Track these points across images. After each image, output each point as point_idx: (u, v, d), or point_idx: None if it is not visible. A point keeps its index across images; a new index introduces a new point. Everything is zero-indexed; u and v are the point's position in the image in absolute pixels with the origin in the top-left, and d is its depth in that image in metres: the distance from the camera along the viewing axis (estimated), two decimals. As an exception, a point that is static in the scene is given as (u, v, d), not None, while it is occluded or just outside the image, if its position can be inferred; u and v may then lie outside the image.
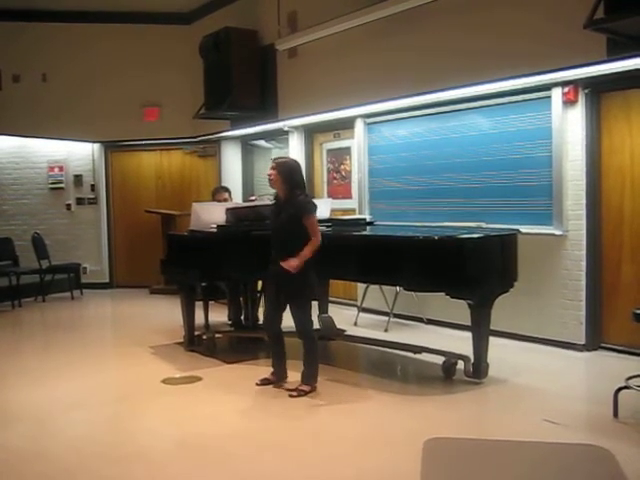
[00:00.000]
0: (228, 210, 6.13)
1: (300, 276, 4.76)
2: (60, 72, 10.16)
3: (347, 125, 8.25)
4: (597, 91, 5.78)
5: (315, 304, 6.30)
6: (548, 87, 5.93)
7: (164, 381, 5.31)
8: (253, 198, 7.92)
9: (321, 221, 6.03)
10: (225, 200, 7.31)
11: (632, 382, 4.23)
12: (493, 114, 6.54)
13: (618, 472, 2.09)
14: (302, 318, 4.89)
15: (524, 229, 5.61)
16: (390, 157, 7.73)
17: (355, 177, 8.29)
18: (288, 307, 4.96)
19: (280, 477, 3.55)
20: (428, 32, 6.55)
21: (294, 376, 5.02)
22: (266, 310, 5.21)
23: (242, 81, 8.58)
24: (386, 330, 6.94)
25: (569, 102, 5.84)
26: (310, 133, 9.03)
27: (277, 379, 5.10)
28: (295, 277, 4.77)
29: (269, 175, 4.93)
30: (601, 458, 2.22)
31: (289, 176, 4.89)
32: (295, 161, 5.17)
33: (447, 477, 2.12)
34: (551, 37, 5.50)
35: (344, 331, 6.77)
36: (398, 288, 6.79)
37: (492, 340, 5.16)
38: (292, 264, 4.71)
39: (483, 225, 6.30)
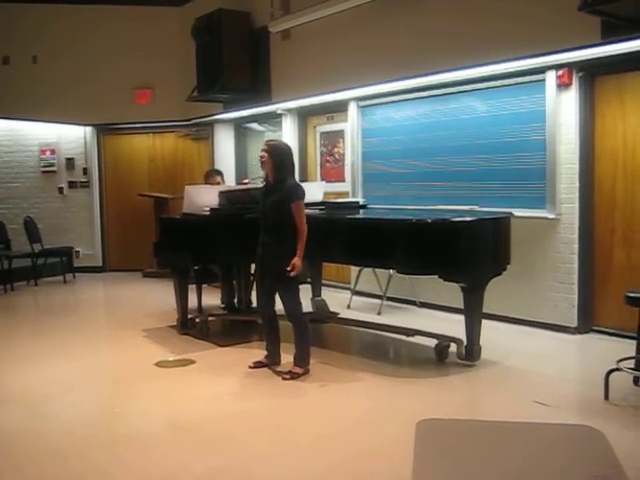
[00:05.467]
0: (221, 193, 6.11)
1: (284, 259, 4.72)
2: (51, 54, 10.07)
3: (341, 108, 8.22)
4: (591, 74, 5.76)
5: (308, 287, 6.34)
6: (542, 70, 5.91)
7: (157, 364, 5.31)
8: (246, 181, 7.89)
9: (314, 204, 6.05)
10: (218, 183, 7.28)
11: (623, 364, 4.26)
12: (487, 97, 6.52)
13: (609, 451, 2.10)
14: (290, 301, 4.87)
15: (517, 212, 5.62)
16: (383, 140, 7.70)
17: (348, 160, 8.27)
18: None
19: (273, 458, 3.56)
20: (422, 14, 6.51)
21: (287, 359, 5.03)
22: (258, 293, 5.21)
23: (234, 63, 8.53)
24: (379, 313, 6.96)
25: (563, 85, 5.82)
26: (303, 116, 8.99)
27: (270, 362, 5.11)
28: (279, 260, 4.75)
29: (261, 157, 4.91)
30: (592, 438, 2.24)
31: (280, 159, 4.86)
32: (287, 144, 5.15)
33: (440, 457, 2.13)
34: (545, 19, 5.47)
35: (337, 314, 6.79)
36: (391, 271, 6.80)
37: (484, 323, 5.18)
38: (296, 264, 4.66)
39: (476, 208, 6.30)
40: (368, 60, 7.13)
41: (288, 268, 4.66)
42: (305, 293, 5.10)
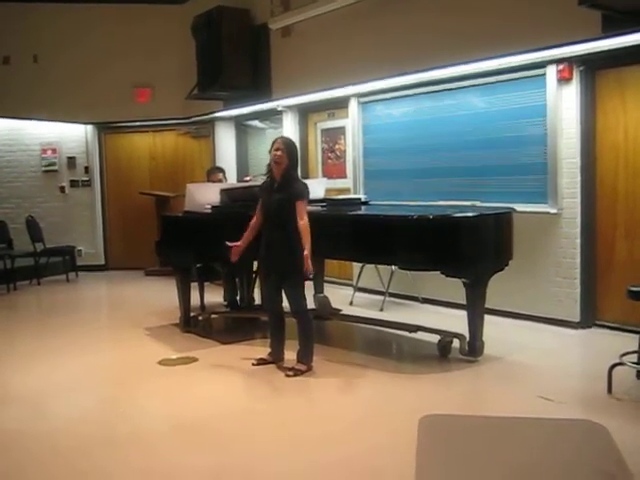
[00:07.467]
0: (222, 191, 6.11)
1: (291, 256, 4.72)
2: (51, 53, 10.05)
3: (341, 104, 8.21)
4: (592, 68, 5.74)
5: (310, 284, 6.32)
6: (543, 65, 5.89)
7: (160, 362, 5.31)
8: (248, 178, 7.88)
9: (316, 201, 6.04)
10: (220, 181, 7.28)
11: (626, 359, 4.26)
12: (488, 92, 6.51)
13: (612, 446, 2.10)
14: (296, 297, 4.87)
15: (519, 207, 5.60)
16: (385, 136, 7.69)
17: (350, 156, 8.26)
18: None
19: (276, 455, 3.56)
20: (423, 10, 6.50)
21: (290, 356, 5.03)
22: (264, 291, 5.21)
23: (234, 61, 8.52)
24: (381, 309, 6.96)
25: (564, 80, 5.81)
26: (304, 113, 8.98)
27: (274, 359, 5.11)
28: (285, 257, 4.76)
29: (276, 156, 4.79)
30: (595, 432, 2.24)
31: (294, 158, 4.86)
32: (294, 141, 5.13)
33: (443, 453, 2.13)
34: (546, 14, 5.46)
35: (340, 310, 6.78)
36: (393, 267, 6.80)
37: (487, 318, 5.18)
38: (308, 265, 4.63)
39: (478, 204, 6.29)
40: (368, 56, 7.11)
41: (304, 264, 4.62)
42: (308, 290, 5.09)
